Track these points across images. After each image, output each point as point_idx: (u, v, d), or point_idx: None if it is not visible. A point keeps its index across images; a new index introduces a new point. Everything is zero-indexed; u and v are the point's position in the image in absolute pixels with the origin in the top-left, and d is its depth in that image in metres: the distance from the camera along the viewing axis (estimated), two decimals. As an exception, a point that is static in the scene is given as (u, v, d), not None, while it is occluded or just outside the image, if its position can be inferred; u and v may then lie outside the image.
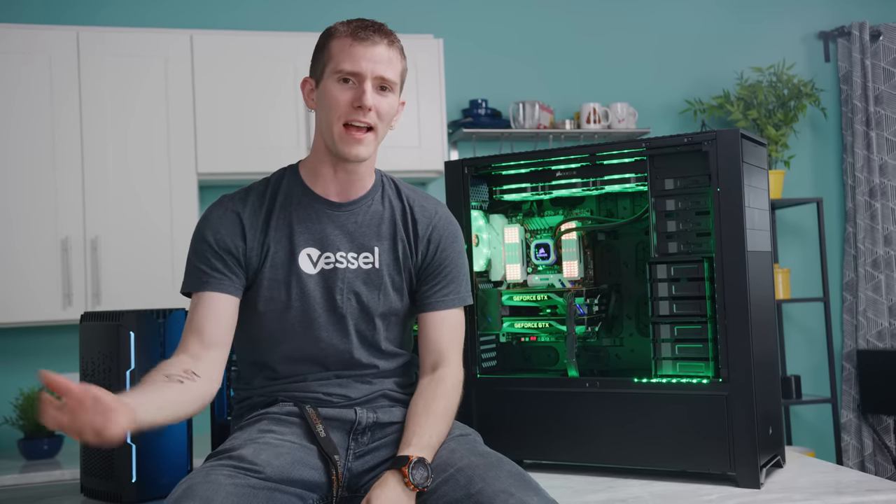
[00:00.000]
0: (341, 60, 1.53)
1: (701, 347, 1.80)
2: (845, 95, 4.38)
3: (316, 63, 1.60)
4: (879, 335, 4.25)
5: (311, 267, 1.58)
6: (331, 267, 1.59)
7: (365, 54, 1.52)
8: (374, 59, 1.53)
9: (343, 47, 1.53)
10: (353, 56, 1.52)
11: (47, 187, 3.25)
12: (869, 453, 4.22)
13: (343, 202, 1.62)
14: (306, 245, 1.58)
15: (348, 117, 1.53)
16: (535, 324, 2.05)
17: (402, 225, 1.65)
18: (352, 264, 1.60)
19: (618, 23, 4.25)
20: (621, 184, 1.96)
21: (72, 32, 3.32)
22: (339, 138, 1.55)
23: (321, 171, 1.62)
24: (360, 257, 1.61)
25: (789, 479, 1.80)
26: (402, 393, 1.66)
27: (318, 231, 1.59)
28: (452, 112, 3.98)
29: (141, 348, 1.80)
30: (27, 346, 3.53)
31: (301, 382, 1.59)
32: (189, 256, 1.61)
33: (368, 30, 1.54)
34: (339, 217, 1.61)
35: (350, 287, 1.59)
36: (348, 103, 1.53)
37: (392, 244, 1.63)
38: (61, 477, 2.93)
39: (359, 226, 1.62)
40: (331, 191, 1.62)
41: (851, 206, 4.32)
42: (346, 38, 1.54)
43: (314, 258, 1.59)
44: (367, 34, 1.53)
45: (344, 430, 1.57)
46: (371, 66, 1.53)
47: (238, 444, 1.47)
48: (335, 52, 1.54)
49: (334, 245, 1.59)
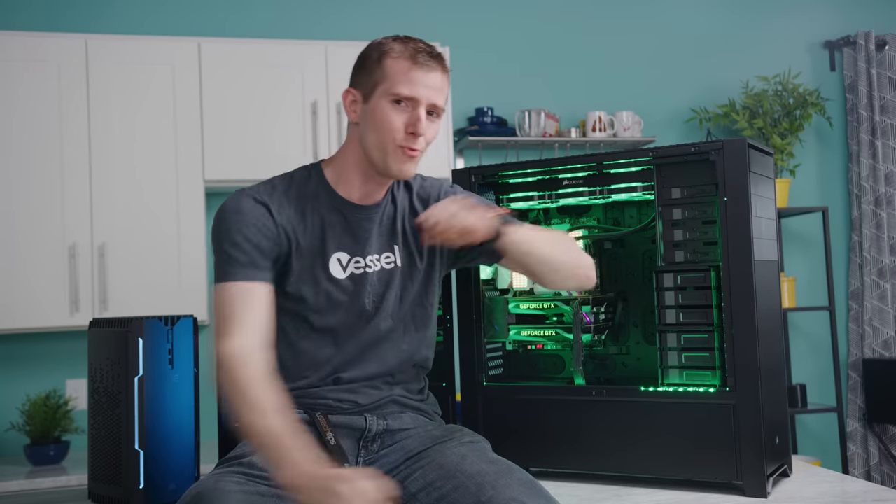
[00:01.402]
0: (399, 83, 1.53)
1: (708, 356, 1.80)
2: (851, 104, 4.38)
3: (365, 77, 1.58)
4: (885, 344, 4.24)
5: (340, 271, 1.60)
6: (360, 271, 1.61)
7: (423, 80, 1.53)
8: (430, 86, 1.54)
9: (402, 70, 1.53)
10: (412, 81, 1.53)
11: (55, 194, 3.27)
12: (875, 463, 4.21)
13: (365, 205, 1.63)
14: (337, 249, 1.60)
15: (403, 142, 1.54)
16: (542, 332, 2.06)
17: (413, 213, 1.67)
18: (375, 266, 1.62)
19: (623, 31, 4.26)
20: (628, 192, 1.97)
21: (80, 40, 3.34)
22: (394, 156, 1.55)
23: (350, 177, 1.61)
24: (383, 258, 1.63)
25: (796, 488, 1.80)
26: (412, 399, 1.67)
27: (347, 236, 1.61)
28: (458, 120, 3.99)
29: (149, 355, 1.81)
30: (34, 353, 3.54)
31: (312, 388, 1.60)
32: (224, 247, 1.53)
33: (426, 54, 1.54)
34: (367, 220, 1.62)
35: (376, 289, 1.62)
36: (402, 128, 1.54)
37: (410, 238, 1.66)
38: (68, 483, 2.93)
39: (382, 227, 1.64)
40: (354, 195, 1.62)
41: (857, 215, 4.32)
42: (404, 60, 1.53)
43: (344, 263, 1.60)
44: (425, 59, 1.54)
45: (354, 437, 1.58)
46: (427, 92, 1.54)
47: (248, 451, 1.48)
48: (391, 73, 1.53)
49: (364, 249, 1.62)
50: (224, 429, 2.06)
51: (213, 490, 1.35)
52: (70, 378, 3.54)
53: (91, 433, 1.90)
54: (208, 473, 1.45)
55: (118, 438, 1.80)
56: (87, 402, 1.92)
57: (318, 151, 3.44)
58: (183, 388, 1.88)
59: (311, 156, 3.44)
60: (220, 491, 1.35)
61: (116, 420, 1.81)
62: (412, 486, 1.51)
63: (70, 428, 3.27)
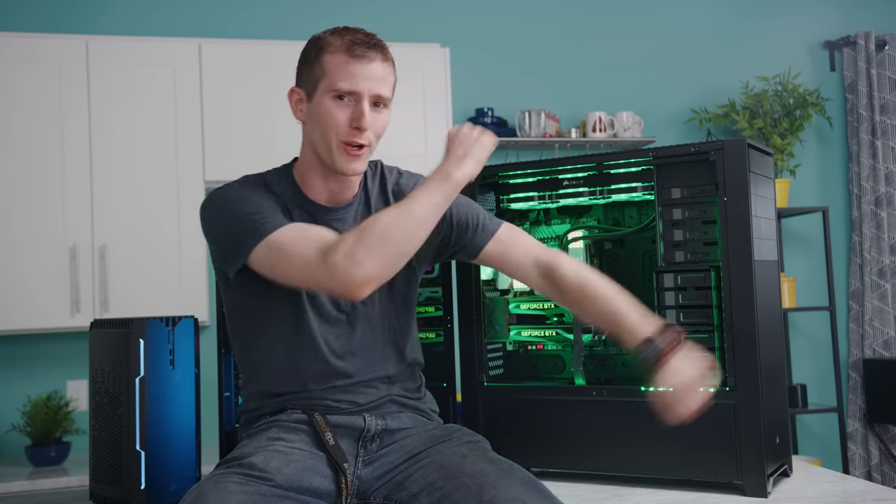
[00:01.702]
0: (337, 79, 1.50)
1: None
2: (851, 105, 4.38)
3: (306, 75, 1.57)
4: (886, 344, 4.24)
5: None
6: None
7: (362, 72, 1.50)
8: (370, 78, 1.51)
9: (339, 64, 1.50)
10: (350, 74, 1.50)
11: (55, 195, 3.27)
12: (875, 463, 4.21)
13: (335, 206, 1.62)
14: None
15: (347, 138, 1.52)
16: (542, 332, 2.06)
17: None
18: None
19: (623, 31, 4.26)
20: (628, 193, 1.97)
21: (81, 41, 3.34)
22: (337, 155, 1.53)
23: (311, 179, 1.61)
24: None
25: (796, 488, 1.81)
26: (410, 398, 1.66)
27: None
28: (458, 120, 3.99)
29: (150, 356, 1.81)
30: (35, 353, 3.54)
31: (308, 391, 1.59)
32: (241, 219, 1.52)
33: (363, 45, 1.51)
34: (337, 221, 1.60)
35: None
36: (346, 123, 1.51)
37: None
38: (69, 484, 2.94)
39: (349, 226, 1.60)
40: (321, 197, 1.61)
41: (857, 215, 4.32)
42: (340, 54, 1.51)
43: None
44: (362, 50, 1.51)
45: (353, 437, 1.58)
46: (368, 84, 1.51)
47: (248, 451, 1.48)
48: (330, 69, 1.51)
49: None
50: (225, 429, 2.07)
51: (215, 490, 1.35)
52: (71, 379, 3.54)
53: (92, 434, 1.90)
54: (209, 474, 1.45)
55: (119, 439, 1.81)
56: (89, 402, 1.92)
57: (318, 152, 3.45)
58: (184, 388, 1.88)
59: (312, 157, 3.44)
60: (222, 491, 1.35)
61: (118, 421, 1.81)
62: (413, 486, 1.50)
63: (71, 429, 3.27)
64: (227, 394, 2.10)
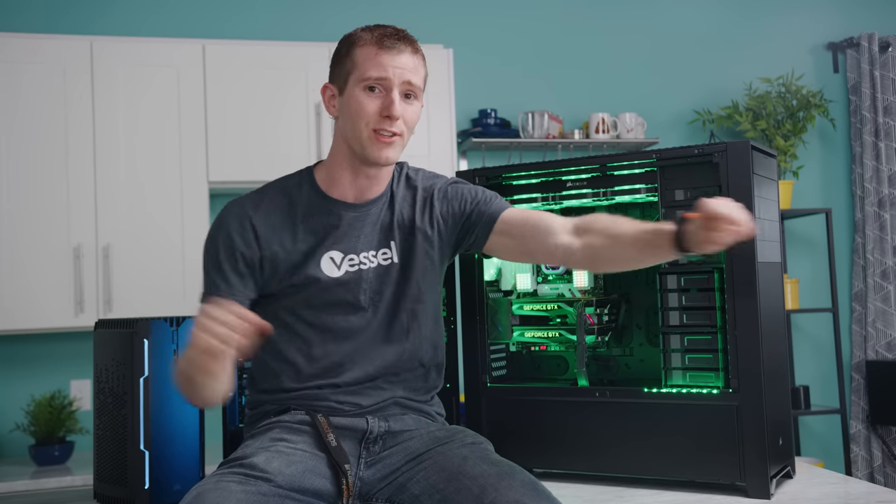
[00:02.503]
0: (368, 68, 1.54)
1: (711, 358, 1.80)
2: (854, 106, 4.38)
3: (338, 70, 1.60)
4: (889, 346, 4.24)
5: (335, 269, 1.60)
6: (355, 269, 1.61)
7: (392, 62, 1.54)
8: (400, 66, 1.55)
9: (369, 56, 1.55)
10: (380, 64, 1.54)
11: (60, 195, 3.28)
12: (878, 465, 4.20)
13: (360, 203, 1.63)
14: (329, 248, 1.60)
15: (378, 126, 1.55)
16: (546, 333, 2.06)
17: (412, 208, 1.67)
18: (372, 263, 1.62)
19: (626, 33, 4.26)
20: (631, 194, 1.97)
21: (85, 42, 3.35)
22: (369, 142, 1.55)
23: (339, 176, 1.63)
24: (380, 254, 1.63)
25: (799, 489, 1.81)
26: (416, 400, 1.66)
27: (340, 234, 1.61)
28: (462, 121, 4.00)
29: (155, 355, 1.81)
30: (39, 353, 3.55)
31: (314, 391, 1.59)
32: (206, 268, 1.61)
33: (393, 38, 1.56)
34: (359, 219, 1.62)
35: (372, 286, 1.62)
36: (377, 112, 1.54)
37: (409, 234, 1.65)
38: (72, 483, 2.94)
39: (377, 224, 1.64)
40: (348, 194, 1.63)
41: (860, 217, 4.32)
42: (370, 46, 1.55)
43: (338, 261, 1.60)
44: (392, 42, 1.55)
45: (355, 438, 1.58)
46: (397, 72, 1.54)
47: (250, 452, 1.48)
48: (360, 61, 1.55)
49: (357, 247, 1.61)
50: (228, 430, 2.07)
51: (214, 490, 1.36)
52: (74, 379, 3.55)
53: (96, 433, 1.91)
54: (210, 474, 1.45)
55: (123, 439, 1.81)
56: (93, 402, 1.93)
57: (321, 152, 3.45)
58: (188, 388, 1.89)
59: (315, 157, 3.44)
60: (222, 490, 1.35)
61: (122, 420, 1.82)
62: (414, 487, 1.51)
63: (74, 428, 3.28)
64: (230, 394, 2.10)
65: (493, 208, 1.68)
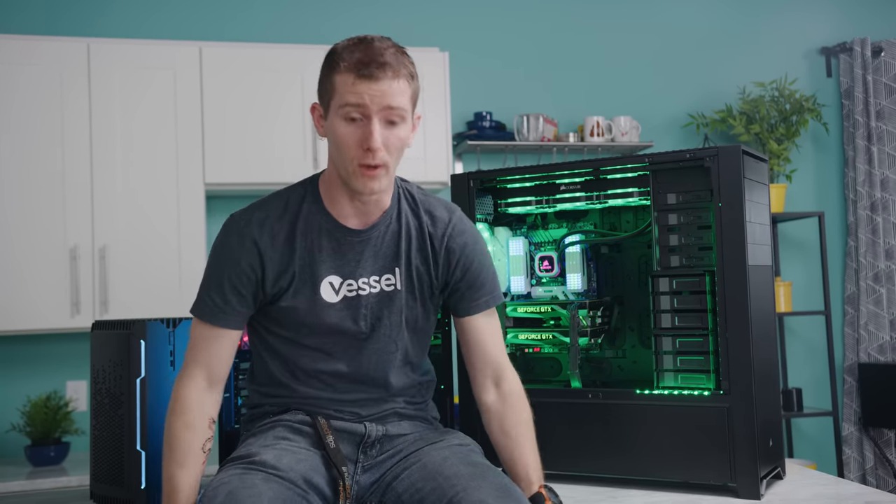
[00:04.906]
0: (345, 95, 1.48)
1: (702, 359, 1.82)
2: (847, 110, 4.41)
3: (321, 91, 1.56)
4: (881, 349, 4.27)
5: (332, 295, 1.57)
6: (353, 294, 1.58)
7: (368, 90, 1.46)
8: (379, 93, 1.47)
9: (346, 83, 1.48)
10: (357, 92, 1.47)
11: (56, 196, 3.29)
12: (870, 466, 4.23)
13: (362, 228, 1.59)
14: (328, 273, 1.57)
15: (360, 160, 1.49)
16: (539, 335, 2.08)
17: (419, 241, 1.62)
18: (374, 288, 1.59)
19: (621, 36, 4.28)
20: (624, 198, 1.99)
21: (82, 44, 3.36)
22: (353, 176, 1.51)
23: (338, 197, 1.58)
24: (383, 280, 1.59)
25: (789, 490, 1.83)
26: (413, 409, 1.67)
27: (339, 259, 1.57)
28: (457, 124, 4.01)
29: (151, 357, 1.83)
30: (35, 354, 3.56)
31: (314, 399, 1.61)
32: (205, 282, 1.59)
33: (371, 65, 1.46)
34: (360, 243, 1.58)
35: (372, 311, 1.59)
36: (357, 144, 1.48)
37: (412, 262, 1.61)
38: (68, 483, 2.95)
39: (378, 248, 1.60)
40: (349, 218, 1.58)
41: (853, 220, 4.34)
42: (348, 73, 1.48)
43: (336, 286, 1.57)
44: (369, 70, 1.46)
45: (353, 442, 1.59)
46: (375, 100, 1.47)
47: (255, 450, 1.50)
48: (339, 87, 1.49)
49: (356, 272, 1.58)
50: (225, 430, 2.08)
51: (243, 488, 1.37)
52: (70, 379, 3.56)
53: (93, 434, 1.92)
54: (222, 472, 1.47)
55: (120, 439, 1.82)
56: (89, 403, 1.94)
57: (317, 155, 3.47)
58: (184, 389, 1.90)
59: (311, 160, 3.46)
60: (252, 489, 1.37)
61: (118, 421, 1.83)
62: (399, 486, 1.53)
63: (70, 429, 3.29)
64: (227, 395, 2.12)
65: (470, 304, 1.65)
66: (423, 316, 1.65)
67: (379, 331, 1.60)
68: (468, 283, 1.64)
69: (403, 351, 1.63)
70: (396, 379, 1.62)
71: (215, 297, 1.56)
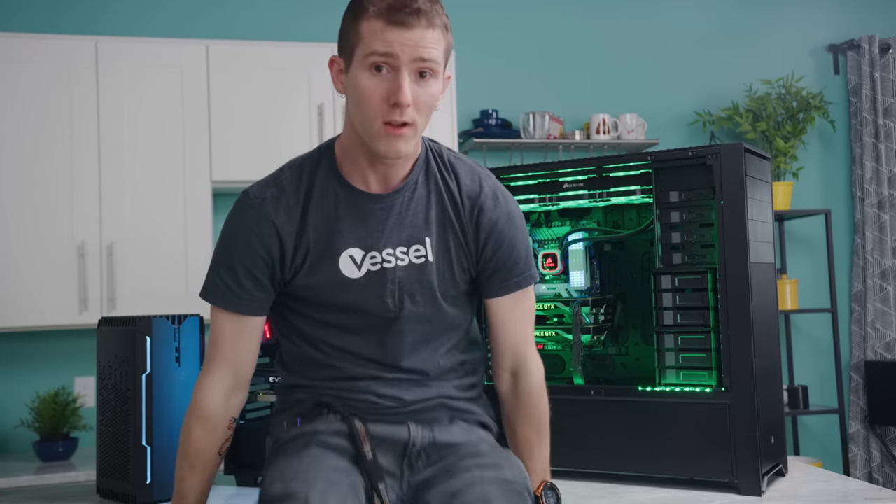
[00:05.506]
0: (372, 43, 1.31)
1: (704, 357, 1.83)
2: (854, 108, 4.40)
3: (343, 42, 1.38)
4: (888, 346, 4.26)
5: (354, 270, 1.40)
6: (378, 268, 1.41)
7: (400, 38, 1.31)
8: (412, 42, 1.32)
9: (376, 30, 1.31)
10: (386, 40, 1.31)
11: (64, 194, 3.31)
12: (877, 464, 4.22)
13: (385, 193, 1.42)
14: (348, 245, 1.40)
15: (385, 116, 1.32)
16: (542, 332, 2.09)
17: (452, 207, 1.44)
18: (401, 260, 1.42)
19: (627, 34, 4.28)
20: (627, 196, 2.00)
21: (90, 42, 3.38)
22: (376, 137, 1.34)
23: (357, 161, 1.41)
24: (411, 251, 1.42)
25: (791, 487, 1.83)
26: (464, 399, 1.51)
27: (360, 229, 1.41)
28: (463, 122, 4.02)
29: (157, 353, 1.84)
30: (43, 350, 3.59)
31: (351, 381, 1.44)
32: (216, 262, 1.44)
33: (403, 11, 1.31)
34: (382, 210, 1.41)
35: (401, 287, 1.42)
36: (383, 99, 1.32)
37: (444, 230, 1.44)
38: (76, 478, 2.98)
39: (405, 216, 1.42)
40: (371, 182, 1.42)
41: (860, 218, 4.33)
42: (377, 19, 1.31)
43: (358, 259, 1.41)
44: (401, 16, 1.31)
45: (396, 452, 1.42)
46: (408, 49, 1.31)
47: (299, 487, 1.30)
48: (365, 34, 1.32)
49: (380, 242, 1.41)
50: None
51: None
52: (79, 375, 3.59)
53: (99, 429, 1.93)
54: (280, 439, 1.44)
55: (126, 434, 1.84)
56: (96, 399, 1.96)
57: (324, 153, 3.48)
58: (189, 385, 1.90)
59: (317, 157, 3.48)
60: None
61: (124, 416, 1.85)
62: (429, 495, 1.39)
63: (78, 425, 3.32)
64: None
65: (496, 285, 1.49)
66: (462, 289, 1.47)
67: (410, 309, 1.42)
68: (498, 263, 1.47)
69: (442, 330, 1.46)
70: (438, 361, 1.46)
71: (228, 281, 1.41)
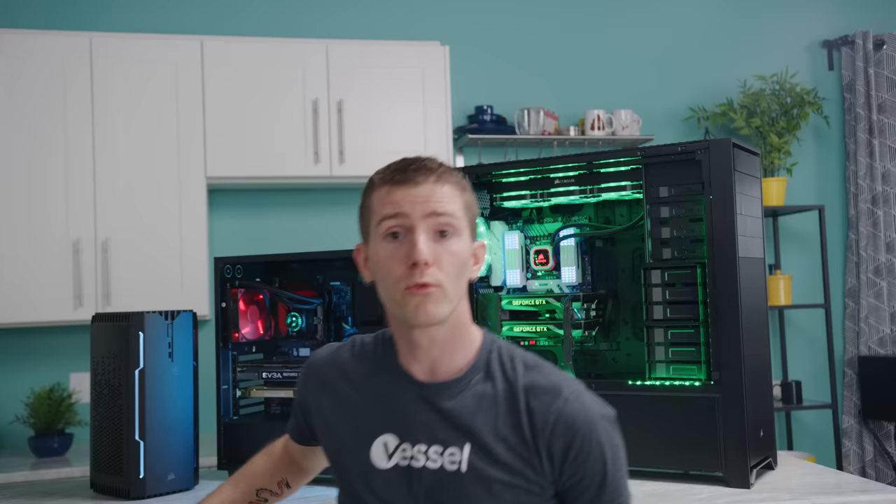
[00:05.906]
0: (381, 208, 1.23)
1: (693, 351, 1.84)
2: (848, 104, 4.41)
3: (362, 226, 1.30)
4: (881, 342, 4.28)
5: (384, 459, 1.26)
6: (406, 463, 1.24)
7: (407, 196, 1.21)
8: (421, 198, 1.21)
9: (381, 197, 1.24)
10: (394, 202, 1.22)
11: (59, 190, 3.32)
12: (870, 459, 4.24)
13: (431, 382, 1.26)
14: (383, 430, 1.27)
15: (406, 281, 1.20)
16: (534, 328, 2.10)
17: (511, 416, 1.22)
18: (432, 462, 1.23)
19: (622, 30, 4.29)
20: (618, 191, 2.01)
21: (85, 38, 3.39)
22: (402, 303, 1.21)
23: (401, 345, 1.29)
24: (446, 454, 1.23)
25: (779, 480, 1.85)
26: None
27: (398, 414, 1.27)
28: (458, 118, 4.03)
29: (150, 348, 1.86)
30: (38, 346, 3.59)
31: None
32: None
33: (408, 169, 1.23)
34: (425, 401, 1.25)
35: (427, 493, 1.23)
36: (401, 263, 1.20)
37: (492, 440, 1.21)
38: (71, 474, 2.98)
39: (447, 413, 1.24)
40: (416, 368, 1.27)
41: (854, 214, 4.35)
42: (384, 185, 1.24)
43: (390, 448, 1.26)
44: (405, 175, 1.23)
45: None
46: (418, 206, 1.21)
47: None
48: (374, 204, 1.25)
49: (413, 434, 1.25)
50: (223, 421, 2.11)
51: None
52: (74, 371, 3.59)
53: (93, 424, 1.95)
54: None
55: (119, 429, 1.85)
56: (90, 394, 1.97)
57: (318, 149, 3.49)
58: (182, 380, 1.93)
59: (312, 153, 3.48)
60: None
61: (118, 411, 1.86)
62: None
63: (73, 420, 3.32)
64: (225, 387, 2.15)
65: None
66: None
67: None
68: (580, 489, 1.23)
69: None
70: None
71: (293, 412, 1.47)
